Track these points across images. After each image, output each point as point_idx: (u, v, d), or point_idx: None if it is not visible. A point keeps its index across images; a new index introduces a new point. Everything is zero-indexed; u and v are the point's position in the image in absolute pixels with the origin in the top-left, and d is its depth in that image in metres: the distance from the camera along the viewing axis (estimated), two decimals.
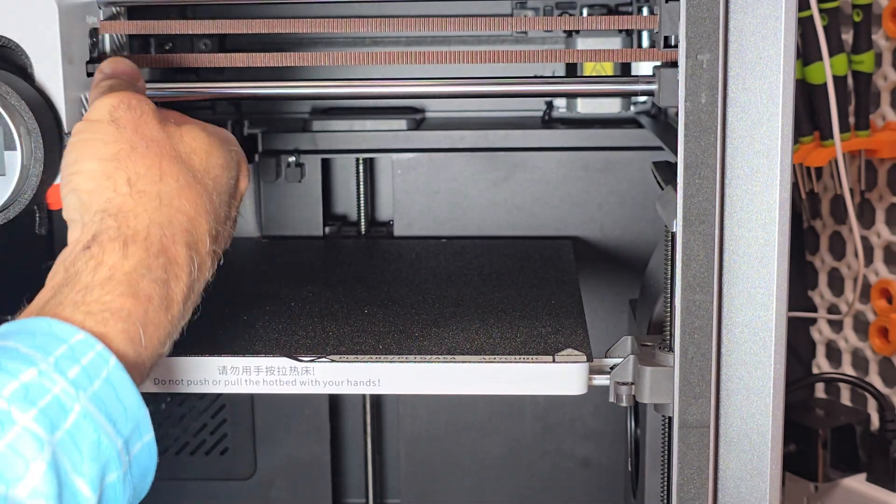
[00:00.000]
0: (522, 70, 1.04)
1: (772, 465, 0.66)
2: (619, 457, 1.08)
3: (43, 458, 0.46)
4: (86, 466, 0.48)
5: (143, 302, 0.54)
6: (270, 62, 0.75)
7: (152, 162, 0.58)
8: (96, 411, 0.49)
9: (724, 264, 0.64)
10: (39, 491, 0.46)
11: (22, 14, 0.65)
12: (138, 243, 0.55)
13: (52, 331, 0.51)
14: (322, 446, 1.09)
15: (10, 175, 0.61)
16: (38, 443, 0.47)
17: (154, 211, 0.56)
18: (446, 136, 1.03)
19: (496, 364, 0.67)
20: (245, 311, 0.77)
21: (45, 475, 0.46)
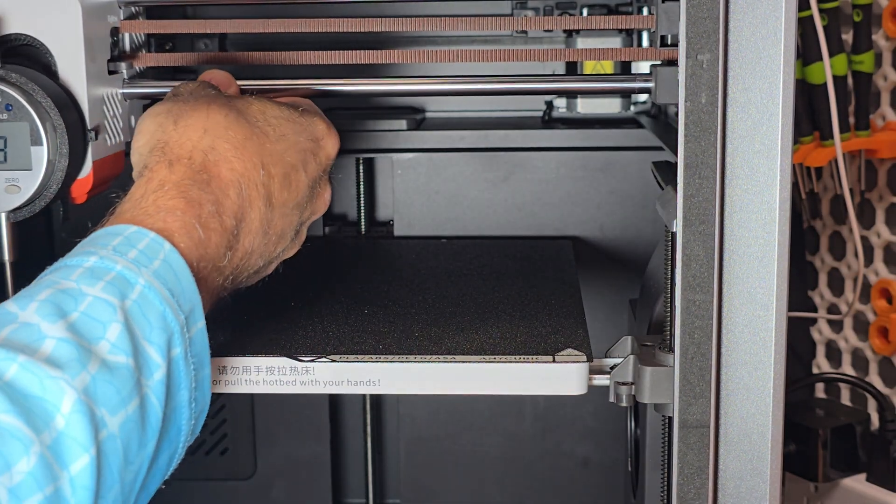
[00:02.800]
0: (523, 69, 1.04)
1: (772, 465, 0.66)
2: (619, 457, 1.08)
3: (117, 321, 0.50)
4: (154, 335, 0.52)
5: (195, 206, 0.57)
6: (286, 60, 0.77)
7: (200, 104, 0.62)
8: (160, 285, 0.53)
9: (724, 264, 0.64)
10: (119, 347, 0.50)
11: (47, 14, 0.67)
12: (182, 161, 0.59)
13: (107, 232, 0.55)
14: (322, 446, 1.09)
15: (36, 169, 0.64)
16: (110, 307, 0.50)
17: (198, 139, 0.60)
18: (446, 136, 1.03)
19: (496, 364, 0.67)
20: (245, 311, 0.77)
21: (120, 334, 0.50)
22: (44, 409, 0.46)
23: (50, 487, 0.45)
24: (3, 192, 0.65)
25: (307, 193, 0.65)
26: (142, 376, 0.51)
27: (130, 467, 0.50)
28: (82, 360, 0.48)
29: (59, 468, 0.46)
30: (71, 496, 0.46)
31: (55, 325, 0.49)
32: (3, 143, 0.64)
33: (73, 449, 0.47)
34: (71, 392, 0.47)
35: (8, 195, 0.65)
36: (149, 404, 0.51)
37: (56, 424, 0.46)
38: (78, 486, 0.47)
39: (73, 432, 0.47)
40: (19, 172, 0.64)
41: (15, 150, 0.64)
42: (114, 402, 0.49)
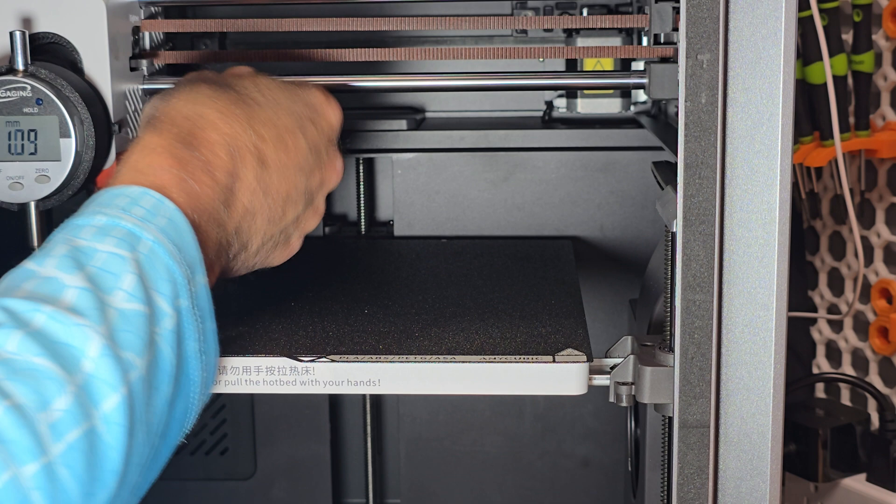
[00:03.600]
0: (523, 67, 1.04)
1: (772, 465, 0.66)
2: (619, 457, 1.08)
3: (131, 272, 0.53)
4: (163, 286, 0.55)
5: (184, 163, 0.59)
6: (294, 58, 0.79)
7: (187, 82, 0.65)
8: (166, 240, 0.55)
9: (724, 264, 0.65)
10: (134, 296, 0.53)
11: (74, 14, 0.70)
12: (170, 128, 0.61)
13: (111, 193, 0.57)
14: (322, 446, 1.09)
15: (65, 160, 0.68)
16: (123, 260, 0.53)
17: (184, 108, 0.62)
18: (446, 136, 1.03)
19: (496, 364, 0.67)
20: (245, 311, 0.77)
21: (135, 284, 0.53)
22: (72, 355, 0.49)
23: (86, 423, 0.48)
24: (34, 181, 0.68)
25: (310, 158, 0.67)
26: (154, 322, 0.54)
27: (153, 409, 0.53)
28: (102, 308, 0.51)
29: (91, 407, 0.49)
30: (106, 433, 0.49)
31: (74, 276, 0.52)
32: (34, 136, 0.67)
33: (104, 389, 0.49)
34: (96, 337, 0.50)
35: (38, 185, 0.68)
36: (161, 351, 0.54)
37: (84, 367, 0.49)
38: (113, 423, 0.49)
39: (102, 374, 0.50)
40: (49, 163, 0.68)
41: (45, 142, 0.67)
42: (136, 345, 0.52)
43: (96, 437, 0.49)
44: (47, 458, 0.46)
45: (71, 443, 0.47)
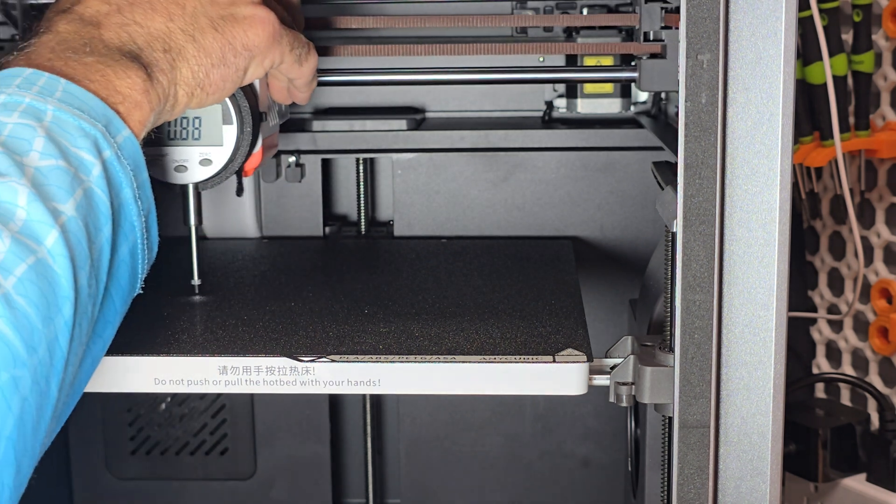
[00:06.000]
0: (523, 63, 1.05)
1: (772, 465, 0.66)
2: (619, 457, 1.08)
3: (40, 136, 0.56)
4: (79, 141, 0.57)
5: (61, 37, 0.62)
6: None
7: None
8: (68, 107, 0.58)
9: (724, 264, 0.65)
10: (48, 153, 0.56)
11: None
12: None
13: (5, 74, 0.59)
14: (322, 446, 1.09)
15: (226, 146, 0.74)
16: (30, 128, 0.56)
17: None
18: (446, 136, 1.03)
19: (496, 364, 0.67)
20: (245, 311, 0.77)
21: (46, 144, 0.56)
22: (4, 209, 0.52)
23: (31, 258, 0.52)
24: (197, 164, 0.74)
25: None
26: (80, 172, 0.57)
27: (94, 246, 0.57)
28: (19, 167, 0.54)
29: (34, 244, 0.52)
30: (53, 263, 0.53)
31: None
32: (199, 123, 0.74)
33: (41, 228, 0.53)
34: (22, 188, 0.53)
35: (201, 167, 0.74)
36: (94, 194, 0.57)
37: (19, 215, 0.53)
38: (56, 255, 0.53)
39: (37, 216, 0.53)
40: (211, 148, 0.74)
41: (208, 129, 0.73)
42: (59, 194, 0.55)
43: (44, 268, 0.52)
44: (2, 290, 0.50)
45: (20, 276, 0.51)
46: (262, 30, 0.67)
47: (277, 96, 0.77)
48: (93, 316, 0.58)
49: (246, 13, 0.67)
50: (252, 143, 0.75)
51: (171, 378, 0.68)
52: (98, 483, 1.10)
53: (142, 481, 1.09)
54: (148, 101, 0.62)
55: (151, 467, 1.09)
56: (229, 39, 0.66)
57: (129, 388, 0.68)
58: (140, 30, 0.63)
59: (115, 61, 0.61)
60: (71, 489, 1.11)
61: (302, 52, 0.72)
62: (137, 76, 0.61)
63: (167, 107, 0.64)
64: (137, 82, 0.61)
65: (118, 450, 1.09)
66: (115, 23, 0.63)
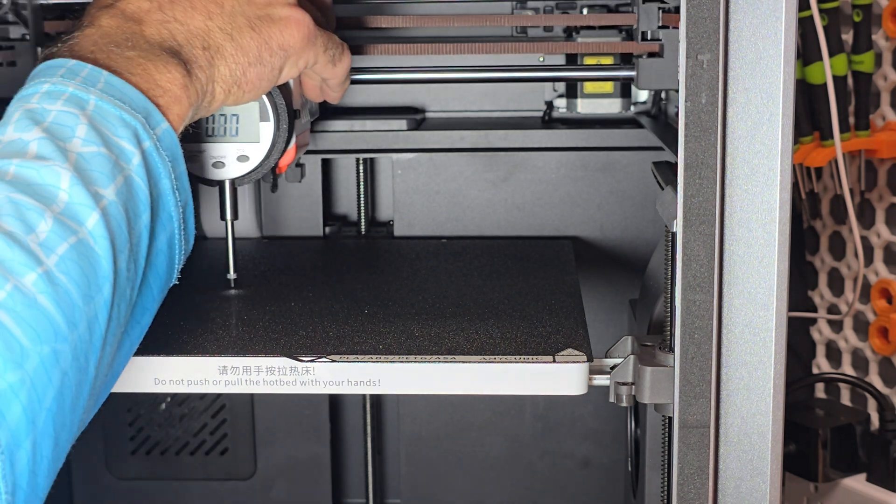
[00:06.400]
0: (523, 62, 1.05)
1: (772, 465, 0.66)
2: (619, 457, 1.08)
3: (83, 123, 0.57)
4: (119, 131, 0.58)
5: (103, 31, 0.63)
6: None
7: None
8: (109, 97, 0.59)
9: (724, 264, 0.65)
10: (90, 140, 0.57)
11: None
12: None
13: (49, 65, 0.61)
14: (322, 446, 1.09)
15: (263, 142, 0.75)
16: (73, 115, 0.57)
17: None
18: (446, 136, 1.03)
19: (496, 364, 0.67)
20: (245, 311, 0.77)
21: (88, 131, 0.57)
22: (47, 191, 0.54)
23: (73, 238, 0.53)
24: (235, 161, 0.76)
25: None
26: (120, 160, 0.58)
27: (133, 231, 0.58)
28: (62, 152, 0.56)
29: (76, 225, 0.54)
30: (94, 244, 0.55)
31: (32, 131, 0.56)
32: (236, 120, 0.75)
33: (82, 211, 0.55)
34: (65, 172, 0.55)
35: (238, 163, 0.76)
36: (134, 182, 0.58)
37: (61, 198, 0.54)
38: (97, 236, 0.55)
39: (78, 199, 0.55)
40: (249, 144, 0.75)
41: (246, 126, 0.75)
42: (101, 179, 0.56)
43: (84, 248, 0.54)
44: (44, 267, 0.51)
45: (62, 254, 0.53)
46: (298, 31, 0.69)
47: (310, 94, 0.78)
48: (131, 300, 0.59)
49: (282, 14, 0.68)
50: (287, 139, 0.76)
51: (171, 378, 0.68)
52: (98, 483, 1.10)
53: (142, 481, 1.09)
54: (187, 96, 0.63)
55: (151, 467, 1.09)
56: (266, 39, 0.67)
57: (129, 388, 0.68)
58: (180, 27, 0.64)
59: (155, 56, 0.62)
60: (71, 489, 1.11)
61: (336, 53, 0.73)
62: (177, 71, 0.62)
63: (204, 102, 0.65)
64: (177, 77, 0.62)
65: (118, 450, 1.09)
66: (156, 20, 0.64)
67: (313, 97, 0.79)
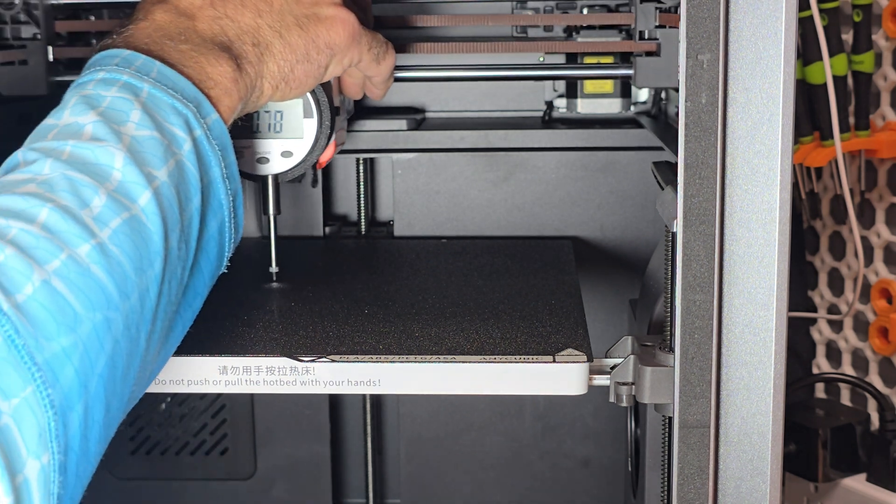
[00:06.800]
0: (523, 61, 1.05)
1: (772, 465, 0.66)
2: (619, 457, 1.08)
3: (136, 108, 0.59)
4: (171, 118, 0.60)
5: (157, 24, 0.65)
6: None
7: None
8: (161, 86, 0.61)
9: (724, 264, 0.65)
10: (143, 124, 0.59)
11: None
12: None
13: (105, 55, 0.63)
14: (322, 446, 1.09)
15: (307, 138, 0.77)
16: (128, 101, 0.59)
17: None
18: (446, 136, 1.03)
19: (496, 364, 0.67)
20: (245, 311, 0.77)
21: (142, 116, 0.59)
22: (102, 170, 0.56)
23: (125, 213, 0.55)
24: (279, 157, 0.77)
25: None
26: (172, 145, 0.59)
27: (185, 213, 0.59)
28: (117, 134, 0.57)
29: (129, 202, 0.55)
30: (146, 220, 0.56)
31: (88, 115, 0.58)
32: (280, 117, 0.76)
33: (135, 189, 0.56)
34: (118, 152, 0.56)
35: (282, 159, 0.77)
36: (185, 167, 0.60)
37: (115, 176, 0.56)
38: (149, 213, 0.56)
39: (131, 178, 0.56)
40: (293, 141, 0.77)
41: (290, 122, 0.77)
42: (154, 161, 0.58)
43: (137, 223, 0.55)
44: (97, 239, 0.53)
45: (115, 228, 0.54)
46: (343, 30, 0.70)
47: (349, 91, 0.80)
48: (182, 280, 0.60)
49: (329, 13, 0.70)
50: (329, 136, 0.77)
51: (171, 378, 0.68)
52: (98, 483, 1.10)
53: (142, 481, 1.09)
54: (237, 90, 0.65)
55: (151, 467, 1.09)
56: (313, 37, 0.69)
57: None
58: (231, 24, 0.66)
59: (207, 50, 0.64)
60: None
61: (380, 52, 0.75)
62: (228, 66, 0.64)
63: (253, 97, 0.67)
64: (228, 71, 0.64)
65: (118, 450, 1.09)
66: (209, 16, 0.66)
67: (353, 94, 0.80)
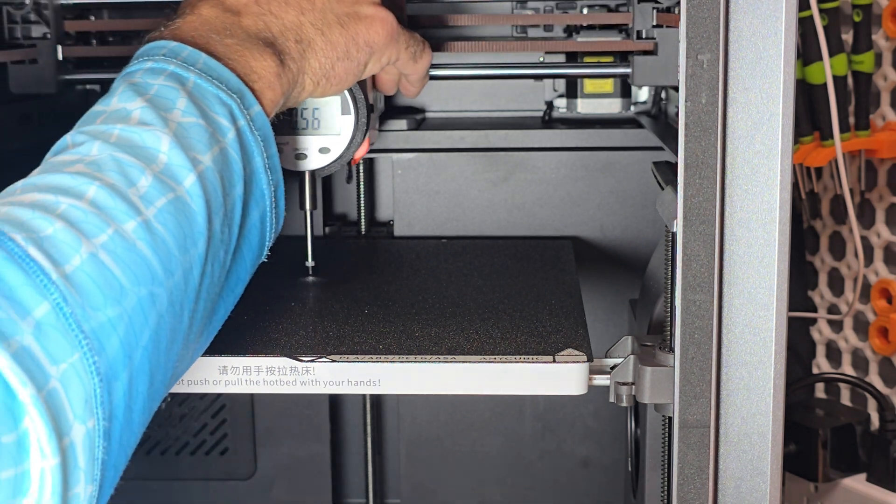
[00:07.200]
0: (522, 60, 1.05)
1: (772, 465, 0.66)
2: (619, 457, 1.08)
3: (182, 96, 0.60)
4: (216, 107, 0.61)
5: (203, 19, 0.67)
6: None
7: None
8: (207, 77, 0.62)
9: (724, 264, 0.65)
10: (189, 111, 0.60)
11: None
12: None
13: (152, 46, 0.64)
14: (322, 446, 1.09)
15: (344, 135, 0.79)
16: (174, 90, 0.61)
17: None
18: (446, 136, 1.03)
19: (496, 364, 0.67)
20: (245, 311, 0.77)
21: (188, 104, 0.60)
22: (148, 152, 0.57)
23: (171, 194, 0.56)
24: (317, 153, 0.79)
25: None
26: (217, 133, 0.61)
27: (228, 198, 0.61)
28: (164, 120, 0.59)
29: (174, 183, 0.57)
30: (190, 201, 0.57)
31: (136, 101, 0.60)
32: (318, 114, 0.78)
33: (180, 171, 0.58)
34: (165, 136, 0.58)
35: (320, 155, 0.79)
36: (229, 154, 0.61)
37: (161, 159, 0.57)
38: (193, 195, 0.58)
39: (177, 161, 0.58)
40: (330, 137, 0.78)
41: (327, 119, 0.78)
42: (199, 146, 0.59)
43: (182, 203, 0.57)
44: (143, 217, 0.54)
45: (161, 207, 0.56)
46: (382, 28, 0.72)
47: (384, 88, 0.81)
48: (224, 264, 0.61)
49: (368, 12, 0.72)
50: (364, 132, 0.79)
51: None
52: None
53: (142, 481, 1.09)
54: (279, 85, 0.66)
55: (151, 467, 1.09)
56: (353, 35, 0.71)
57: None
58: (275, 20, 0.68)
59: (252, 45, 0.66)
60: None
61: (417, 51, 0.77)
62: (272, 60, 0.66)
63: (294, 93, 0.69)
64: (271, 66, 0.66)
65: None
66: (253, 12, 0.67)
67: (387, 90, 0.82)
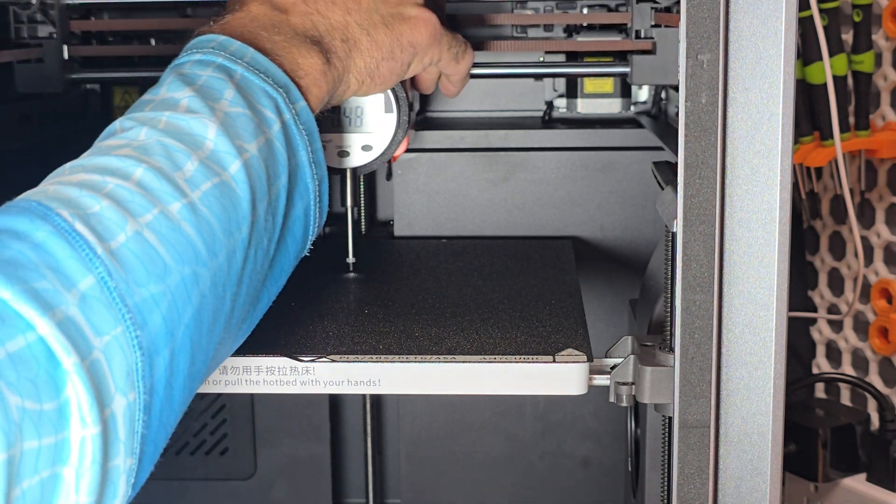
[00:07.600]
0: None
1: (772, 465, 0.66)
2: (619, 457, 1.08)
3: (230, 87, 0.61)
4: (262, 100, 0.62)
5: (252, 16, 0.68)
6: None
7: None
8: (254, 70, 0.63)
9: (724, 264, 0.65)
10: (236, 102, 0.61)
11: None
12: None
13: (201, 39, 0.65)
14: (322, 446, 1.09)
15: (386, 133, 0.79)
16: (222, 81, 0.62)
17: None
18: (446, 136, 1.03)
19: (496, 364, 0.67)
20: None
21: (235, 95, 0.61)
22: (195, 139, 0.58)
23: (216, 178, 0.57)
24: (359, 150, 0.80)
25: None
26: (262, 124, 0.61)
27: (273, 188, 0.61)
28: (211, 109, 0.60)
29: (219, 169, 0.58)
30: (235, 187, 0.58)
31: (184, 90, 0.60)
32: (360, 112, 0.79)
33: (226, 158, 0.58)
34: (212, 124, 0.59)
35: (362, 153, 0.80)
36: (274, 145, 0.62)
37: (207, 145, 0.58)
38: (238, 181, 0.58)
39: (223, 148, 0.58)
40: (373, 135, 0.79)
41: (370, 117, 0.79)
42: (245, 135, 0.60)
43: (227, 188, 0.57)
44: (188, 199, 0.55)
45: (206, 190, 0.56)
46: (426, 29, 0.73)
47: (423, 86, 0.82)
48: (268, 252, 0.62)
49: (412, 13, 0.73)
50: (406, 130, 0.80)
51: None
52: None
53: None
54: (325, 82, 0.67)
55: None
56: (397, 36, 0.72)
57: None
58: (322, 19, 0.69)
59: (300, 42, 0.67)
60: None
61: (458, 51, 0.77)
62: (318, 58, 0.67)
63: (339, 91, 0.70)
64: (317, 63, 0.67)
65: None
66: (301, 11, 0.68)
67: (425, 90, 0.83)
